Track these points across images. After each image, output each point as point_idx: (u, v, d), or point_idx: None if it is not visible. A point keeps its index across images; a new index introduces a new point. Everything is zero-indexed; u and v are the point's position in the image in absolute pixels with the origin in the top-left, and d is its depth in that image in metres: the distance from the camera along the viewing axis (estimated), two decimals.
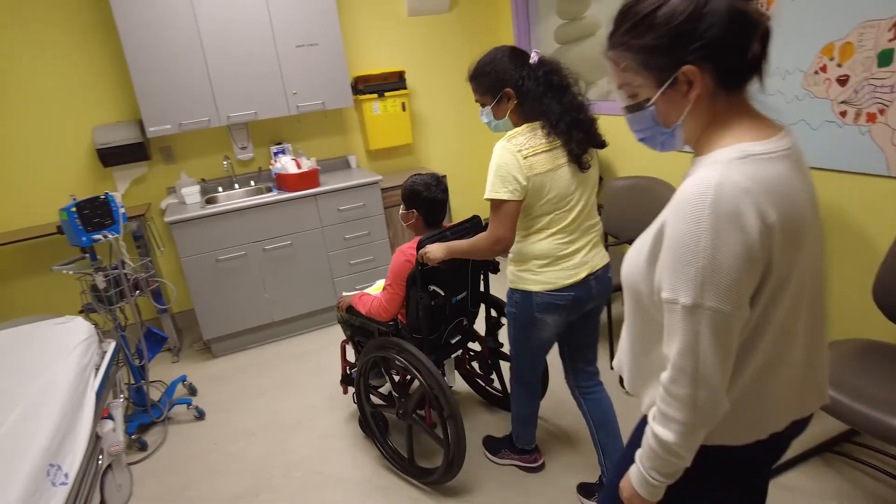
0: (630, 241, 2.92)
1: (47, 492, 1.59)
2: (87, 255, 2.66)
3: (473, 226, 2.23)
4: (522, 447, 2.28)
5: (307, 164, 3.59)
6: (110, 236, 2.57)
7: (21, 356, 2.17)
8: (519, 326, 1.96)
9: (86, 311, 2.69)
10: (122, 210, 2.63)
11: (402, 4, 4.11)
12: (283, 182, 3.54)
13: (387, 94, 4.00)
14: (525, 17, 4.16)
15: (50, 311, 3.51)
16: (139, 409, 2.90)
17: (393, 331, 2.23)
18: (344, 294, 2.53)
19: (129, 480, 2.46)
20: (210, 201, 3.63)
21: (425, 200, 2.18)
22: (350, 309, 2.40)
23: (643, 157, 3.24)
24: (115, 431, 2.32)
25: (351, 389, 2.56)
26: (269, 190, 3.69)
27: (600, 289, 1.91)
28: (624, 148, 3.39)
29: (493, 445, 2.41)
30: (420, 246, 2.01)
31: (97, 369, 2.31)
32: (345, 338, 2.64)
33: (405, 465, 2.34)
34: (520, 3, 4.13)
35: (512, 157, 1.69)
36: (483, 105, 1.86)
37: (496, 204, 1.72)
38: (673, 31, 0.84)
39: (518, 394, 2.16)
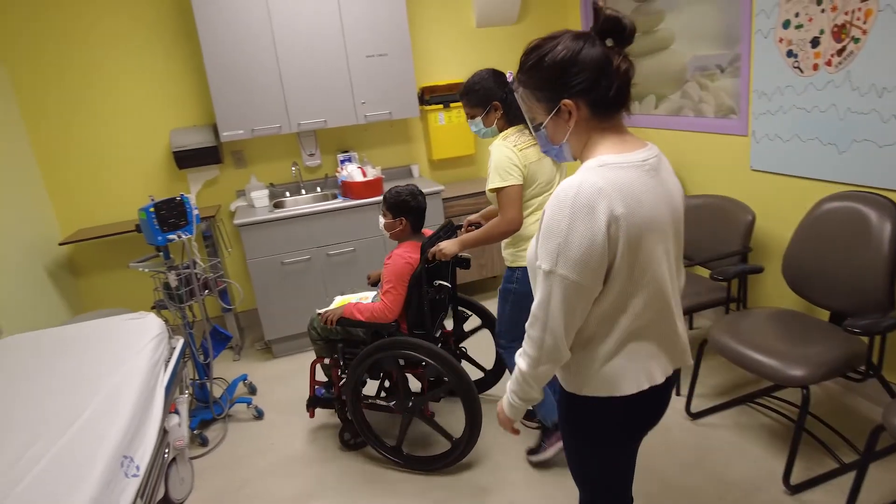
0: (702, 263, 2.83)
1: (121, 482, 1.65)
2: (161, 253, 2.77)
3: (450, 228, 2.54)
4: (553, 420, 2.36)
5: (372, 173, 3.64)
6: (184, 237, 2.66)
7: (100, 349, 2.28)
8: (514, 302, 2.26)
9: (157, 308, 2.80)
10: (195, 212, 2.73)
11: (470, 16, 4.13)
12: (349, 189, 3.60)
13: (452, 105, 4.01)
14: None
15: (124, 305, 3.68)
16: (201, 406, 2.99)
17: (394, 331, 2.37)
18: (322, 310, 2.51)
19: (191, 474, 2.53)
20: (277, 206, 3.73)
21: (412, 208, 2.40)
22: (341, 321, 2.40)
23: (718, 174, 3.12)
24: (180, 426, 2.40)
25: (321, 411, 2.88)
26: (335, 197, 3.75)
27: None
28: (697, 164, 3.27)
29: (534, 450, 2.44)
30: (429, 246, 2.27)
31: (166, 365, 2.39)
32: (315, 358, 2.68)
33: (421, 461, 2.48)
34: (589, 15, 4.07)
35: (510, 151, 2.08)
36: (473, 117, 2.24)
37: (506, 191, 2.06)
38: (554, 73, 1.11)
39: (511, 359, 2.35)
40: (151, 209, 2.56)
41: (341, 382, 2.54)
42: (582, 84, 1.09)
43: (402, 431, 2.48)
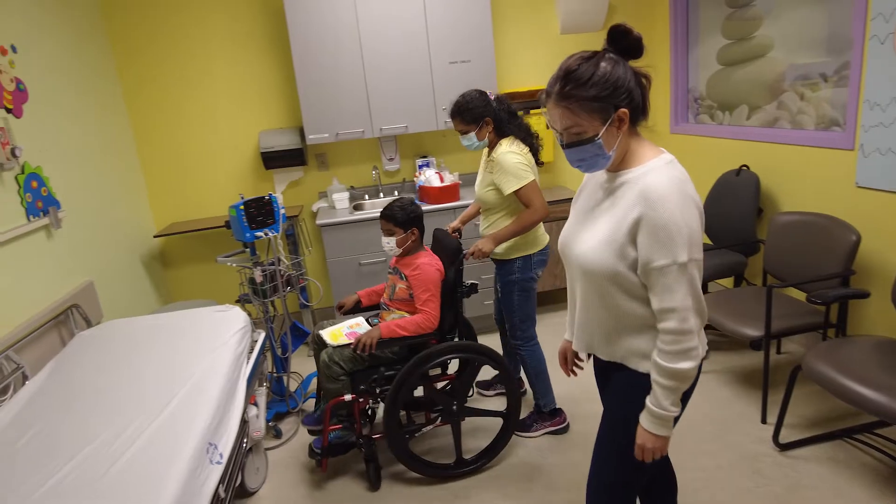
0: (797, 285, 2.65)
1: (206, 468, 1.72)
2: (248, 249, 2.89)
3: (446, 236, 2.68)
4: (550, 407, 2.67)
5: (450, 178, 3.65)
6: (270, 234, 2.77)
7: (188, 338, 2.39)
8: (520, 290, 2.54)
9: (242, 301, 2.92)
10: (282, 211, 2.82)
11: (555, 22, 4.08)
12: (426, 194, 3.63)
13: (532, 111, 3.97)
14: (684, 37, 3.95)
15: (208, 297, 3.87)
16: (277, 399, 3.09)
17: (438, 337, 2.43)
18: (349, 335, 2.46)
19: (266, 465, 2.62)
20: (357, 208, 3.81)
21: (420, 218, 2.50)
22: (381, 343, 2.31)
23: (817, 190, 2.92)
24: (258, 418, 2.48)
25: (335, 459, 2.61)
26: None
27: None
28: (793, 179, 3.08)
29: (523, 425, 2.69)
30: (458, 250, 2.46)
31: (249, 357, 2.48)
32: (332, 399, 2.37)
33: (482, 456, 2.50)
34: (679, 23, 3.92)
35: (520, 154, 2.41)
36: (466, 132, 2.48)
37: (526, 188, 2.37)
38: (609, 85, 1.22)
39: (528, 353, 2.61)
40: (241, 207, 2.68)
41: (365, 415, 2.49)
42: (627, 95, 1.23)
43: (458, 439, 2.46)
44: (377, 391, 2.41)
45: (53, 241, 2.73)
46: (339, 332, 2.50)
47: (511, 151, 2.40)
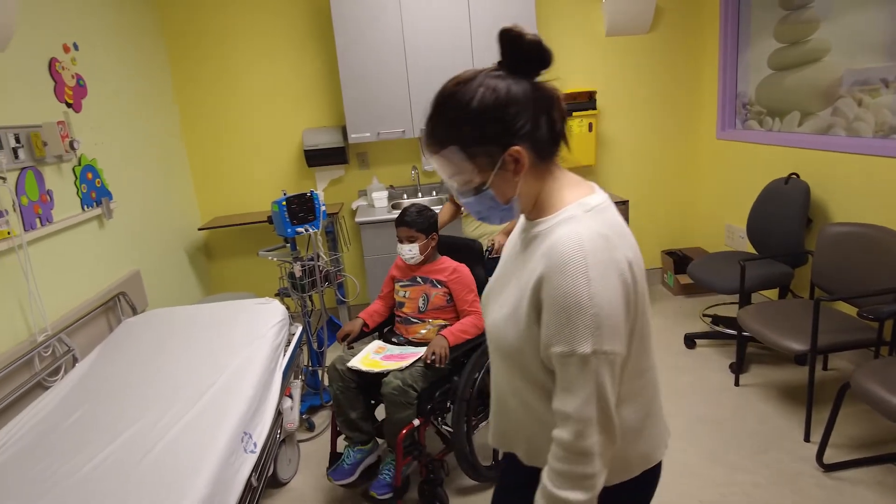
0: (847, 299, 2.54)
1: (241, 457, 1.76)
2: (289, 244, 2.94)
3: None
4: None
5: None
6: (310, 230, 2.81)
7: (228, 329, 2.45)
8: None
9: (280, 295, 2.98)
10: (322, 208, 2.87)
11: (600, 24, 4.02)
12: None
13: (575, 113, 3.93)
14: (734, 41, 3.84)
15: (248, 290, 3.95)
16: (311, 392, 3.14)
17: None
18: (388, 357, 2.29)
19: (298, 457, 2.66)
20: (396, 206, 3.84)
21: (437, 225, 2.44)
22: (452, 350, 2.20)
23: (873, 201, 2.80)
24: (292, 410, 2.53)
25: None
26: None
27: None
28: (846, 189, 2.96)
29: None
30: (480, 251, 2.49)
31: (285, 350, 2.53)
32: (405, 428, 2.11)
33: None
34: (729, 26, 3.82)
35: None
36: None
37: None
38: (489, 120, 0.91)
39: None
40: (284, 203, 2.73)
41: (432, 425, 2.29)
42: (522, 126, 0.92)
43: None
44: (447, 405, 2.28)
45: (105, 231, 2.84)
46: (376, 361, 2.26)
47: None
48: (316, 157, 3.83)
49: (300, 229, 2.78)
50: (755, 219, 3.41)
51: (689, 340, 3.46)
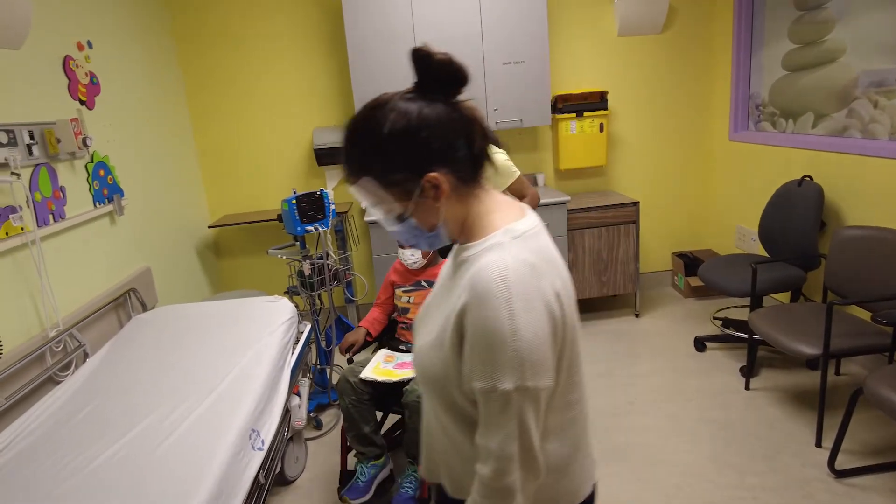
0: (861, 303, 2.51)
1: (248, 454, 1.76)
2: (298, 243, 2.95)
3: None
4: None
5: None
6: (320, 229, 2.82)
7: (237, 326, 2.46)
8: None
9: (290, 293, 2.98)
10: (332, 206, 2.87)
11: (612, 24, 4.00)
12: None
13: (586, 114, 3.92)
14: (748, 42, 3.80)
15: (257, 288, 3.97)
16: (319, 390, 3.14)
17: None
18: (401, 365, 2.27)
19: (305, 454, 2.67)
20: None
21: None
22: None
23: (888, 204, 2.76)
24: (300, 408, 2.53)
25: None
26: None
27: None
28: (860, 192, 2.93)
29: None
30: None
31: (294, 347, 2.54)
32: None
33: None
34: (743, 27, 3.78)
35: (502, 152, 2.44)
36: None
37: (520, 178, 2.45)
38: (402, 146, 0.86)
39: None
40: (294, 201, 2.74)
41: None
42: (439, 150, 0.87)
43: None
44: None
45: (116, 228, 2.86)
46: (389, 371, 2.23)
47: (499, 151, 2.50)
48: (326, 156, 3.83)
49: (310, 228, 2.79)
50: (767, 221, 3.38)
51: (700, 343, 3.43)
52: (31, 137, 2.26)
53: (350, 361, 2.38)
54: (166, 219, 3.43)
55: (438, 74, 0.88)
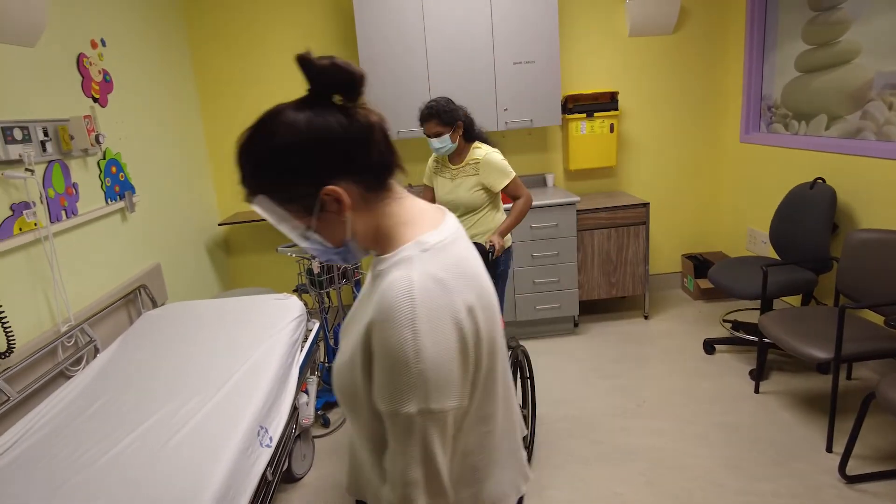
0: (874, 307, 2.49)
1: (256, 450, 1.77)
2: None
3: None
4: None
5: None
6: None
7: (247, 323, 2.47)
8: (505, 279, 2.72)
9: (299, 291, 2.99)
10: None
11: (623, 24, 3.99)
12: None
13: (596, 114, 3.90)
14: (760, 43, 3.78)
15: (266, 285, 3.98)
16: (326, 388, 3.15)
17: None
18: None
19: (312, 453, 2.67)
20: None
21: None
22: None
23: None
24: (308, 405, 2.54)
25: None
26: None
27: None
28: (874, 195, 2.90)
29: None
30: (486, 254, 2.51)
31: (303, 345, 2.54)
32: None
33: None
34: (756, 27, 3.76)
35: (499, 152, 2.63)
36: (439, 135, 2.54)
37: (516, 179, 2.62)
38: (293, 161, 0.81)
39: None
40: None
41: None
42: (336, 160, 0.82)
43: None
44: None
45: (127, 224, 2.88)
46: None
47: (494, 151, 2.63)
48: None
49: None
50: (779, 224, 3.35)
51: (709, 346, 3.41)
52: (45, 134, 2.28)
53: None
54: (177, 216, 3.45)
55: (326, 80, 0.83)
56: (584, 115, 3.90)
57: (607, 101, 3.92)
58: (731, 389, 2.99)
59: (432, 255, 0.82)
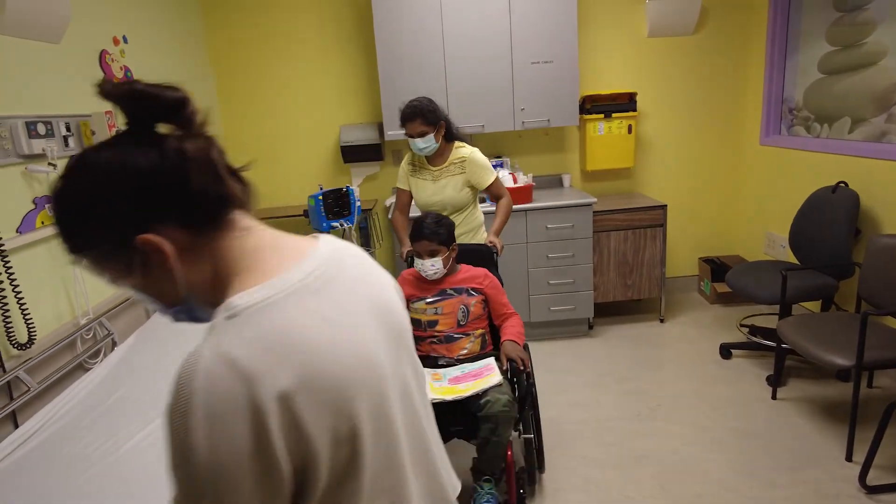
0: (895, 314, 2.44)
1: None
2: None
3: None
4: None
5: (523, 180, 3.62)
6: (345, 225, 2.83)
7: None
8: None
9: None
10: (357, 203, 2.88)
11: (643, 25, 3.95)
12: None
13: (614, 115, 3.88)
14: (783, 44, 3.72)
15: None
16: None
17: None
18: (454, 379, 2.14)
19: None
20: None
21: None
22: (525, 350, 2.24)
23: None
24: None
25: None
26: (483, 200, 3.78)
27: None
28: (894, 199, 2.84)
29: None
30: (490, 254, 2.53)
31: None
32: (506, 450, 2.08)
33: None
34: (778, 28, 3.70)
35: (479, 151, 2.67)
36: (423, 135, 2.53)
37: (498, 177, 2.67)
38: (98, 211, 0.68)
39: None
40: (321, 197, 2.76)
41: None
42: (147, 203, 0.68)
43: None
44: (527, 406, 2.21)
45: None
46: (450, 388, 2.07)
47: (476, 150, 2.66)
48: (352, 153, 3.85)
49: (335, 224, 2.81)
50: (799, 228, 3.30)
51: (725, 350, 3.37)
52: (68, 129, 2.31)
53: None
54: None
55: (133, 109, 0.70)
56: (602, 115, 3.88)
57: (625, 102, 3.89)
58: (747, 395, 2.95)
59: (238, 325, 0.64)
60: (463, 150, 2.64)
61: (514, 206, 3.51)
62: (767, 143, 3.91)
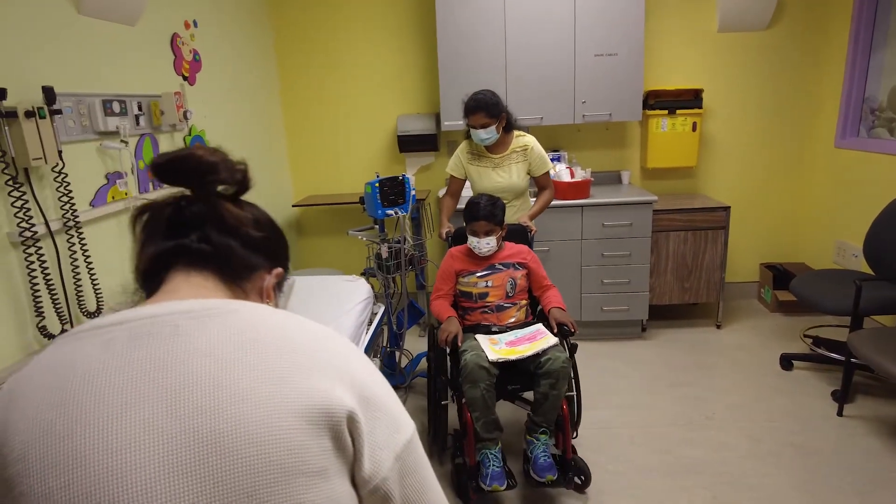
0: None
1: None
2: (377, 226, 2.98)
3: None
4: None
5: (581, 175, 3.54)
6: (400, 214, 2.84)
7: (318, 301, 2.51)
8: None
9: (367, 274, 3.02)
10: (412, 192, 2.88)
11: (713, 19, 3.79)
12: (555, 189, 3.54)
13: (678, 111, 3.74)
14: (867, 40, 3.50)
15: (336, 267, 4.06)
16: (387, 372, 3.17)
17: None
18: (513, 343, 2.31)
19: None
20: None
21: None
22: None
23: None
24: None
25: None
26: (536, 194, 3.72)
27: None
28: None
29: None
30: (525, 234, 2.71)
31: (368, 327, 2.57)
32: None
33: None
34: (863, 23, 3.48)
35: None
36: (485, 126, 2.66)
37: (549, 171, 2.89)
38: None
39: None
40: (377, 184, 2.76)
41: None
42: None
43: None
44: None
45: None
46: (511, 349, 2.24)
47: (536, 140, 2.82)
48: (409, 143, 3.86)
49: (390, 212, 2.81)
50: (875, 237, 3.10)
51: (786, 361, 3.22)
52: (139, 108, 2.38)
53: (454, 351, 2.32)
54: (252, 195, 3.48)
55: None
56: (666, 111, 3.75)
57: (691, 99, 3.75)
58: (809, 409, 2.80)
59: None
60: (524, 138, 2.82)
61: (571, 202, 3.47)
62: (843, 146, 3.70)
